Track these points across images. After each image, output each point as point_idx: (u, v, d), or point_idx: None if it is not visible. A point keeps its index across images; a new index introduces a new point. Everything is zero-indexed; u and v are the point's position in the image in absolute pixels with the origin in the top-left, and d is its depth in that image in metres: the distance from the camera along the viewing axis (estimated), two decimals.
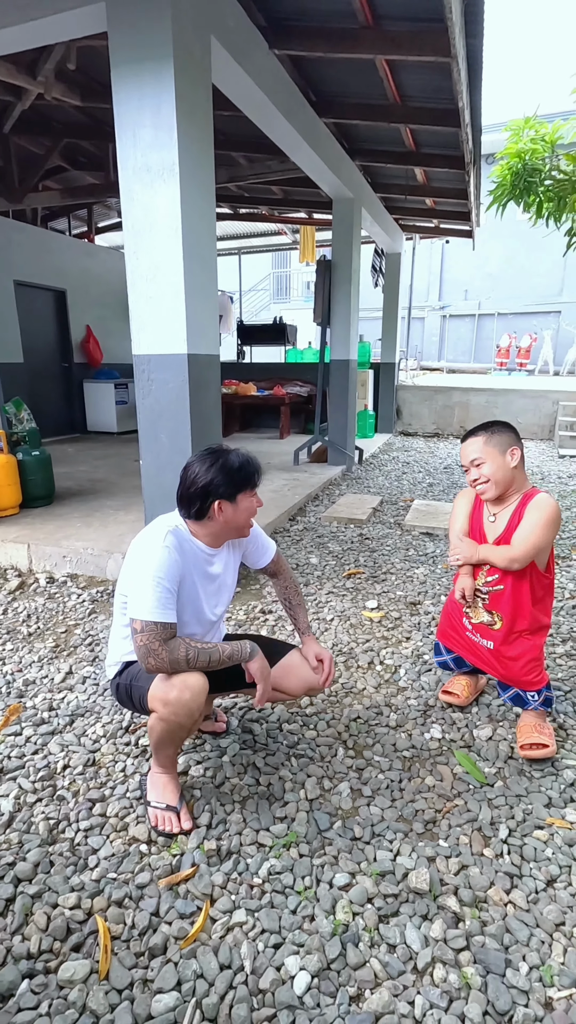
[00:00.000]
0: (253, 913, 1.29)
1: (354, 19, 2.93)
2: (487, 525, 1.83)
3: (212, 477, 1.44)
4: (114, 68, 2.33)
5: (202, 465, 1.46)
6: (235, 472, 1.46)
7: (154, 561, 1.40)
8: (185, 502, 1.49)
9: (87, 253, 8.32)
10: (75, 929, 1.26)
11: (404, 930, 1.24)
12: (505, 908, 1.30)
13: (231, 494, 1.46)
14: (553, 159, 4.54)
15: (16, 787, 1.66)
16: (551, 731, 1.80)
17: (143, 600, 1.37)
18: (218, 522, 1.49)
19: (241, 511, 1.49)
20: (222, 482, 1.44)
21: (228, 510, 1.48)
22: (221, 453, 1.48)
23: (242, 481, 1.47)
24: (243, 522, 1.52)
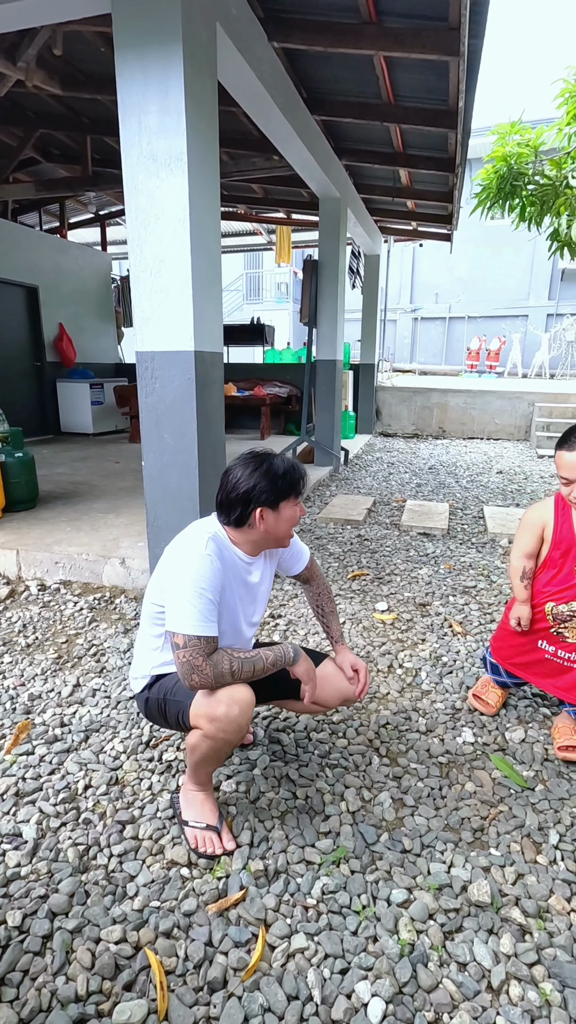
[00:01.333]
0: (313, 937, 1.22)
1: (357, 14, 2.90)
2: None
3: (255, 483, 1.37)
4: (118, 50, 2.23)
5: (244, 470, 1.39)
6: (279, 478, 1.38)
7: (195, 570, 1.32)
8: (225, 508, 1.42)
9: (60, 249, 8.07)
10: (124, 965, 1.16)
11: (472, 946, 1.20)
12: (569, 917, 1.27)
13: (274, 501, 1.39)
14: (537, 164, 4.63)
15: (37, 811, 1.55)
16: None
17: (185, 613, 1.29)
18: (258, 530, 1.42)
19: (283, 520, 1.42)
20: (265, 488, 1.37)
21: (270, 518, 1.40)
22: (265, 458, 1.41)
23: (286, 488, 1.39)
24: (284, 532, 1.45)
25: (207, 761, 1.39)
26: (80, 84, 4.40)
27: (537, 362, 13.54)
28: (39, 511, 3.94)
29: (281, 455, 1.44)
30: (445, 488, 5.23)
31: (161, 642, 1.47)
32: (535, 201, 4.68)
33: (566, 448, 1.62)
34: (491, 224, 4.44)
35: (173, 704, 1.43)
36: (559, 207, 4.57)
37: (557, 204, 4.57)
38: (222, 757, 1.41)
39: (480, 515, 4.33)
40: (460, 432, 8.56)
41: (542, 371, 13.50)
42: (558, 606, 1.76)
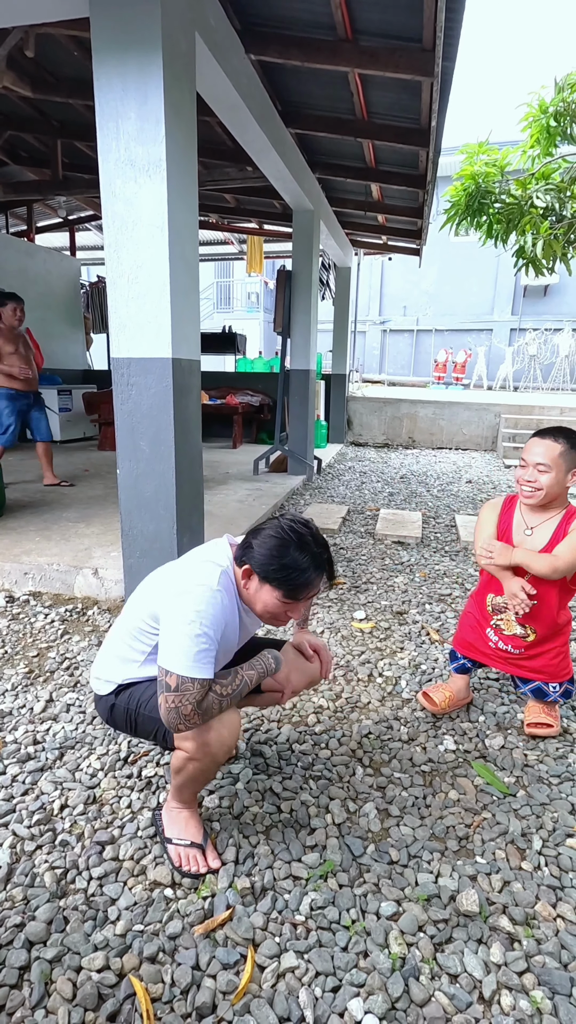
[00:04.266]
0: (303, 955, 1.19)
1: (333, 32, 2.95)
2: (521, 537, 1.81)
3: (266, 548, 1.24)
4: (96, 55, 2.21)
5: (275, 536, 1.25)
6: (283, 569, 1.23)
7: (203, 607, 1.22)
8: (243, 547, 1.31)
9: (27, 253, 7.91)
10: (108, 995, 1.11)
11: (463, 957, 1.19)
12: (555, 923, 1.28)
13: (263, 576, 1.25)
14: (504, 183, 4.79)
15: (10, 834, 1.48)
16: (558, 714, 1.91)
17: (184, 652, 1.19)
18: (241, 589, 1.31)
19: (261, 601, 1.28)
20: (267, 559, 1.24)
21: (252, 584, 1.28)
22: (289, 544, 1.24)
23: (284, 579, 1.24)
24: (259, 612, 1.32)
25: (194, 782, 1.36)
26: (52, 87, 4.34)
27: (501, 375, 13.93)
28: (6, 520, 3.82)
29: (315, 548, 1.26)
30: (417, 497, 5.30)
31: (142, 659, 1.40)
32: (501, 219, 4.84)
33: (539, 435, 1.72)
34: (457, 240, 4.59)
35: (148, 720, 1.37)
36: (524, 226, 4.73)
37: (522, 223, 4.73)
38: (209, 777, 1.37)
39: (452, 524, 4.40)
40: (429, 442, 8.72)
41: (506, 383, 13.90)
42: (496, 597, 1.87)
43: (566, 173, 4.66)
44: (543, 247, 4.65)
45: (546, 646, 1.83)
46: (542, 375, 13.95)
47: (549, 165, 4.78)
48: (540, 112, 4.57)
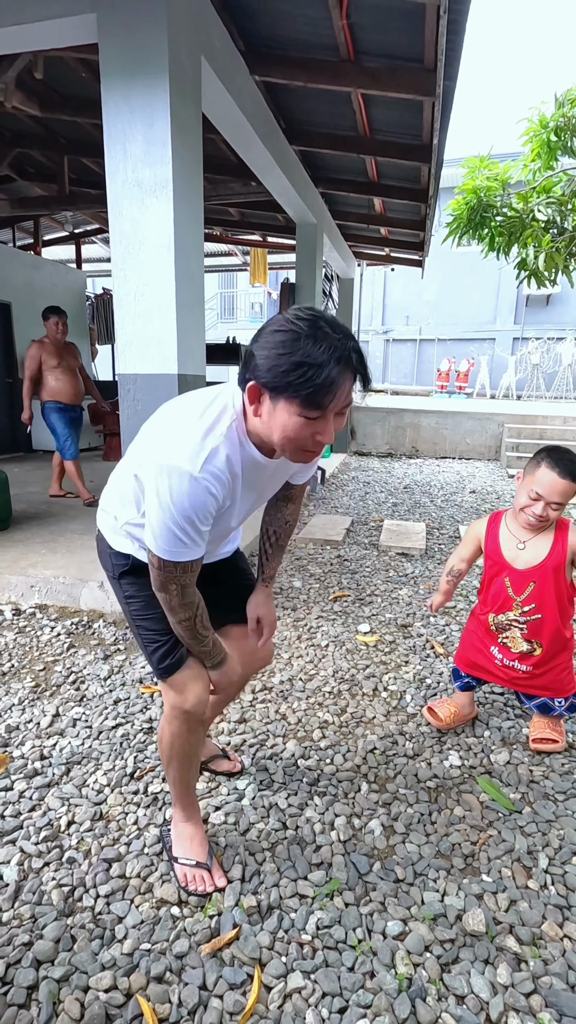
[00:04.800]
0: (309, 975, 1.19)
1: (336, 53, 3.00)
2: (513, 552, 1.81)
3: (265, 351, 0.95)
4: (104, 80, 2.26)
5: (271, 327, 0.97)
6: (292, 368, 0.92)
7: (183, 496, 1.02)
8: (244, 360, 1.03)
9: (33, 266, 8.02)
10: (115, 1015, 1.12)
11: (469, 978, 1.19)
12: (562, 943, 1.27)
13: (275, 389, 0.96)
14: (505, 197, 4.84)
15: (18, 851, 1.49)
16: (563, 729, 1.92)
17: (163, 537, 1.06)
18: (254, 419, 1.04)
19: (277, 425, 0.99)
20: (270, 363, 0.94)
21: (266, 407, 0.99)
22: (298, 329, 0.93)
23: (295, 383, 0.92)
24: (279, 441, 1.01)
25: (181, 762, 1.37)
26: (59, 106, 4.42)
27: (504, 384, 13.96)
28: (12, 532, 3.85)
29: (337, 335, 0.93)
30: (420, 508, 5.31)
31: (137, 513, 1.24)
32: (503, 232, 4.88)
33: (555, 470, 1.63)
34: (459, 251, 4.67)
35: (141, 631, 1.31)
36: (526, 238, 4.77)
37: (524, 236, 4.77)
38: (191, 754, 1.37)
39: (456, 535, 4.40)
40: (433, 452, 8.73)
41: (509, 392, 13.92)
42: (497, 616, 1.88)
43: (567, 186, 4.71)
44: (545, 260, 4.69)
45: (552, 663, 1.83)
46: (545, 384, 13.97)
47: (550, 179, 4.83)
48: (541, 127, 4.62)
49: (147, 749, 1.89)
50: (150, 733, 1.98)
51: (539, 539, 1.78)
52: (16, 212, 6.34)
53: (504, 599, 1.85)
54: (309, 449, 1.02)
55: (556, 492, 1.64)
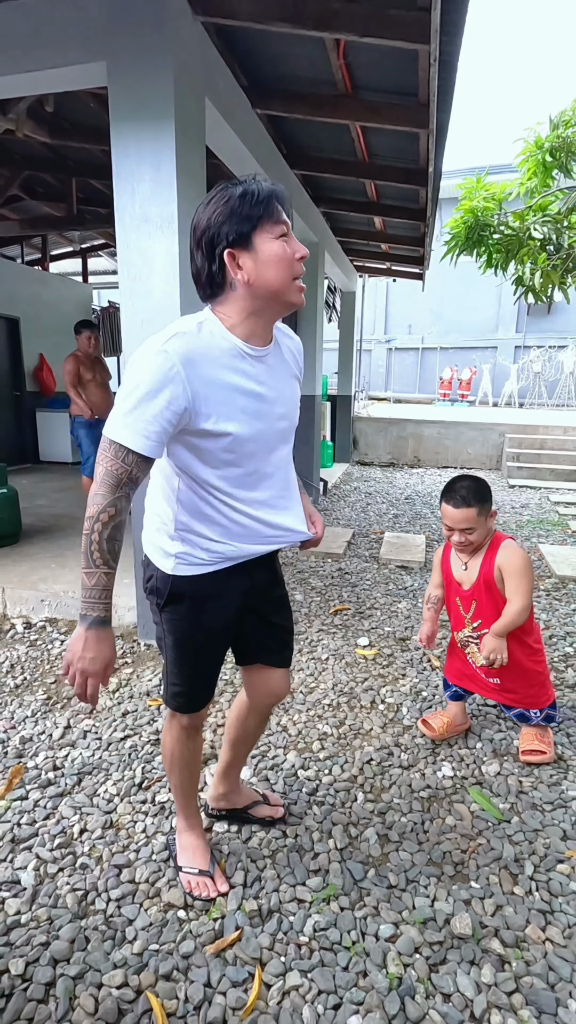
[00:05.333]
0: (306, 974, 1.29)
1: (334, 87, 3.13)
2: (460, 573, 1.96)
3: (209, 216, 1.06)
4: (113, 124, 2.38)
5: (202, 207, 1.08)
6: (238, 204, 1.04)
7: (141, 371, 1.06)
8: (196, 276, 1.12)
9: (41, 281, 8.19)
10: (127, 1010, 1.21)
11: (456, 978, 1.28)
12: (544, 946, 1.36)
13: (242, 235, 1.05)
14: (502, 216, 4.96)
15: (34, 857, 1.59)
16: (551, 740, 2.00)
17: (113, 415, 1.08)
18: (244, 290, 1.09)
19: (265, 260, 1.06)
20: (223, 217, 1.05)
21: (247, 262, 1.06)
22: (220, 189, 1.08)
23: (253, 213, 1.04)
24: (276, 278, 1.07)
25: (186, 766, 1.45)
26: (68, 133, 4.57)
27: (507, 391, 14.05)
28: (22, 546, 3.96)
29: (250, 177, 1.09)
30: (421, 519, 5.40)
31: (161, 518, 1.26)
32: (501, 249, 5.01)
33: (449, 502, 1.83)
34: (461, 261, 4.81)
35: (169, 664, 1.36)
36: (522, 256, 4.88)
37: (520, 253, 4.89)
38: (196, 759, 1.47)
39: None
40: (435, 461, 8.82)
41: (511, 400, 14.01)
42: (458, 633, 2.03)
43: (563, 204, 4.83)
44: (541, 277, 4.80)
45: (519, 676, 1.93)
46: (547, 392, 14.05)
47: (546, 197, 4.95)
48: (536, 147, 4.74)
49: (154, 760, 1.99)
50: (157, 744, 2.08)
51: (476, 559, 1.91)
52: (26, 232, 6.49)
53: (457, 617, 2.01)
54: (298, 275, 1.10)
55: (457, 521, 1.82)
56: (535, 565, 4.08)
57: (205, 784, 1.83)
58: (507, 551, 1.86)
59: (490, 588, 1.89)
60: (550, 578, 3.80)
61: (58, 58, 2.40)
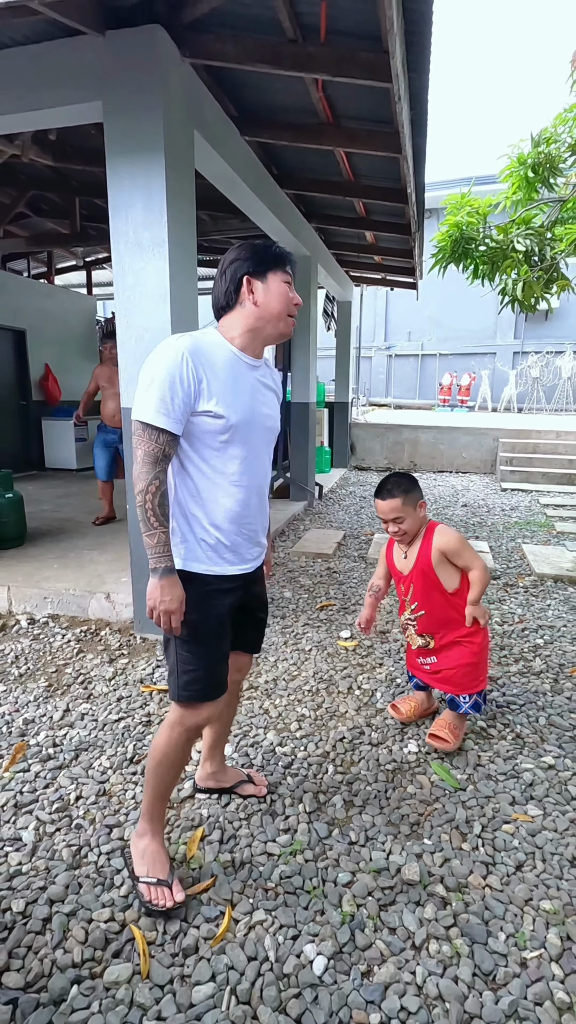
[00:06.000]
0: (271, 912, 1.46)
1: (316, 116, 3.35)
2: (400, 562, 2.13)
3: (238, 255, 1.41)
4: (109, 157, 2.60)
5: (230, 252, 1.44)
6: (263, 250, 1.42)
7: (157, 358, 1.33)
8: (216, 298, 1.45)
9: (46, 294, 8.46)
10: (113, 939, 1.40)
11: (401, 915, 1.45)
12: (483, 891, 1.53)
13: (260, 270, 1.40)
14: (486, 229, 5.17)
15: (34, 819, 1.78)
16: (462, 732, 2.11)
17: (141, 401, 1.31)
18: (251, 308, 1.41)
19: (273, 293, 1.40)
20: (249, 257, 1.40)
21: (259, 289, 1.40)
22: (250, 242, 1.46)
23: (271, 259, 1.41)
24: (277, 308, 1.41)
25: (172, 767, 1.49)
26: (71, 157, 4.81)
27: (505, 397, 14.22)
28: (27, 548, 4.17)
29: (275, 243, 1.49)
30: None
31: None
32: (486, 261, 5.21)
33: (378, 496, 2.00)
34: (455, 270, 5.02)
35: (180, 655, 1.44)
36: (506, 268, 5.08)
37: (504, 265, 5.09)
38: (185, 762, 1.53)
39: None
40: (430, 466, 9.00)
41: (510, 405, 14.18)
42: (400, 618, 2.21)
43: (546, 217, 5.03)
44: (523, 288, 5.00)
45: (452, 657, 2.07)
46: (545, 397, 14.21)
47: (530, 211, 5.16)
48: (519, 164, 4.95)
49: (145, 738, 2.17)
50: (148, 725, 2.26)
51: (414, 547, 2.07)
52: (32, 248, 6.76)
53: (400, 602, 2.18)
54: (292, 313, 1.44)
55: (386, 512, 2.00)
56: (517, 564, 4.25)
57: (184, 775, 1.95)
58: (441, 535, 2.02)
59: (426, 572, 2.04)
60: (530, 576, 3.97)
61: (58, 98, 2.63)
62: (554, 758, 2.05)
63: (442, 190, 7.73)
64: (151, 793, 1.52)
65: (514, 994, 1.26)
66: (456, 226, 5.06)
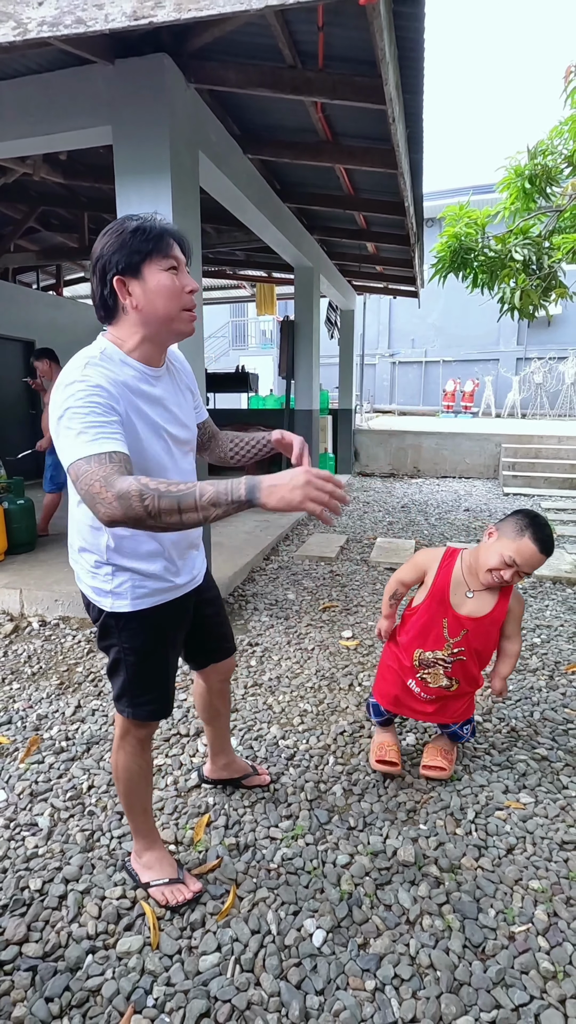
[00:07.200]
0: (273, 890, 1.55)
1: (316, 135, 3.48)
2: (461, 598, 1.80)
3: (101, 246, 1.15)
4: (118, 177, 2.73)
5: (100, 237, 1.17)
6: (130, 237, 1.13)
7: (72, 394, 1.07)
8: (93, 299, 1.21)
9: (55, 305, 8.65)
10: (124, 914, 1.48)
11: (397, 893, 1.53)
12: (475, 871, 1.61)
13: (132, 264, 1.13)
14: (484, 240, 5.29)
15: (49, 806, 1.87)
16: (455, 757, 2.02)
17: (68, 440, 1.04)
18: (133, 315, 1.17)
19: (153, 290, 1.15)
20: (115, 250, 1.13)
21: (136, 290, 1.15)
22: (118, 222, 1.17)
23: (143, 246, 1.13)
24: (164, 308, 1.16)
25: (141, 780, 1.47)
26: (80, 174, 4.98)
27: (509, 403, 14.32)
28: (38, 553, 4.29)
29: (149, 215, 1.18)
30: (414, 526, 5.66)
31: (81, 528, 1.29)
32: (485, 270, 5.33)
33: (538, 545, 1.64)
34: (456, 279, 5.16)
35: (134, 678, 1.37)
36: (504, 277, 5.19)
37: (503, 274, 5.20)
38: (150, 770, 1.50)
39: None
40: (434, 471, 9.08)
41: (514, 411, 14.26)
42: (424, 652, 1.86)
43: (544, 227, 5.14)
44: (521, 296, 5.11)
45: (463, 699, 1.97)
46: (548, 402, 14.28)
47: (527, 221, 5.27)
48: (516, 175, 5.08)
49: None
50: None
51: (487, 594, 1.79)
52: (42, 262, 6.94)
53: (437, 638, 1.84)
54: (187, 307, 1.19)
55: (533, 565, 1.67)
56: None
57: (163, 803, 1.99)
58: (517, 595, 1.84)
59: (494, 625, 1.82)
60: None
61: (70, 123, 2.77)
62: (547, 750, 2.13)
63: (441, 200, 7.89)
64: (132, 812, 1.51)
65: (501, 963, 1.34)
66: (455, 237, 5.18)
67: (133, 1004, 1.26)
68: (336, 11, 2.17)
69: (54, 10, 1.77)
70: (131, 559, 1.30)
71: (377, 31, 1.89)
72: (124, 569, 1.30)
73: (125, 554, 1.29)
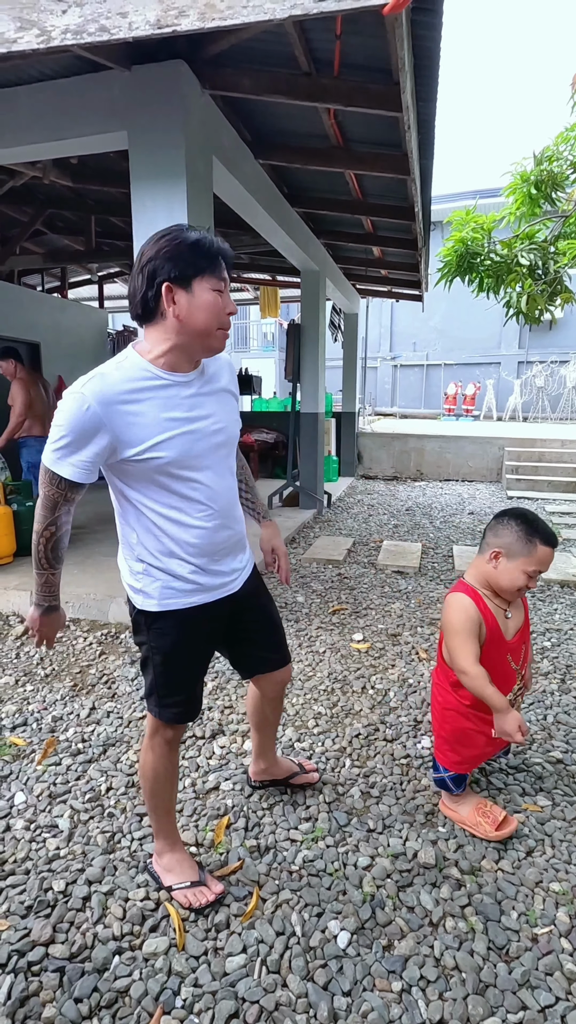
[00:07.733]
0: (296, 892, 1.56)
1: (327, 141, 3.50)
2: (504, 623, 1.75)
3: (157, 250, 1.16)
4: (133, 182, 2.75)
5: (155, 239, 1.18)
6: (188, 246, 1.15)
7: (65, 402, 1.18)
8: (131, 296, 1.22)
9: (60, 308, 8.66)
10: (149, 916, 1.49)
11: (419, 895, 1.54)
12: (496, 873, 1.62)
13: (183, 276, 1.15)
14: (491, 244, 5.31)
15: (68, 808, 1.88)
16: None
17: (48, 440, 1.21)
18: (172, 320, 1.19)
19: (199, 305, 1.17)
20: (170, 255, 1.15)
21: (182, 300, 1.17)
22: (174, 228, 1.19)
23: (198, 259, 1.15)
24: (204, 323, 1.19)
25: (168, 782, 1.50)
26: (89, 178, 5.00)
27: (511, 406, 14.35)
28: None
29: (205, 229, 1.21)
30: (419, 529, 5.68)
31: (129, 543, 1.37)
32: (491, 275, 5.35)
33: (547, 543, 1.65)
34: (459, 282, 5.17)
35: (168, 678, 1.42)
36: (510, 281, 5.22)
37: (509, 279, 5.23)
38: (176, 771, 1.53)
39: (449, 554, 4.75)
40: (437, 474, 9.10)
41: (515, 414, 14.29)
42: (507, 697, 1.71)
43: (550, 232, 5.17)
44: (527, 301, 5.13)
45: None
46: (550, 406, 14.31)
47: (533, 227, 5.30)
48: (522, 181, 5.11)
49: None
50: None
51: (516, 605, 1.82)
52: (48, 265, 6.96)
53: (508, 676, 1.74)
54: (224, 326, 1.24)
55: (546, 565, 1.68)
56: None
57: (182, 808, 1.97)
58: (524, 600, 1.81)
59: (528, 623, 1.84)
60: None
61: (86, 128, 2.79)
62: (562, 753, 2.14)
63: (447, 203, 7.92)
64: (156, 813, 1.53)
65: (526, 965, 1.35)
66: (461, 241, 5.21)
67: (162, 1005, 1.27)
68: (353, 20, 2.19)
69: (78, 18, 1.79)
70: (155, 557, 1.35)
71: (398, 40, 1.91)
72: (154, 568, 1.36)
73: (150, 551, 1.35)
